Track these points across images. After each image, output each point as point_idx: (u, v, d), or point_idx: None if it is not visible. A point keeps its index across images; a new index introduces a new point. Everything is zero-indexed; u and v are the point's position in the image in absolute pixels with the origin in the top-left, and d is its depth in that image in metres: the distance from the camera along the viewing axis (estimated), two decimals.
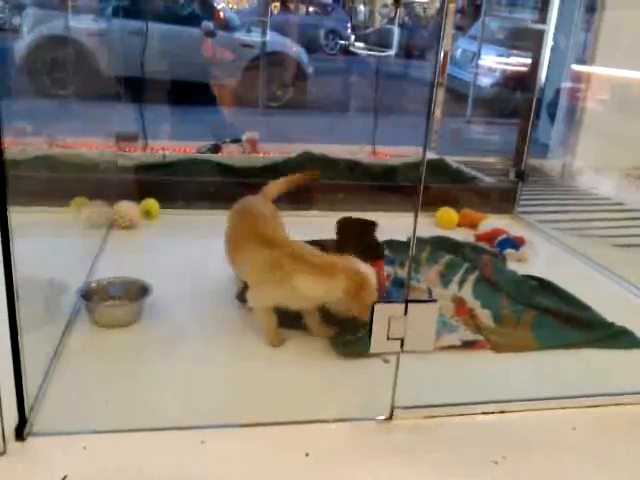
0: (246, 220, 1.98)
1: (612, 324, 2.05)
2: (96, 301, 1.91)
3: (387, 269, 2.36)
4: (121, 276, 2.00)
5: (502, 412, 1.58)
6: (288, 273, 1.71)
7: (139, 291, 1.95)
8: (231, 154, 3.67)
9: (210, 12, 7.38)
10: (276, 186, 2.23)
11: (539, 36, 3.44)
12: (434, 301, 1.46)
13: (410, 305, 1.41)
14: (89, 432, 1.37)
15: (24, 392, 1.33)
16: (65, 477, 1.25)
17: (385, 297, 2.10)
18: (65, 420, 1.42)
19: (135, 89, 4.00)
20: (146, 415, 1.47)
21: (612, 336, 1.99)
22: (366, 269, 1.72)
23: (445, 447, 1.45)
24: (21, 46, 6.03)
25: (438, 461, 1.41)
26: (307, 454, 1.38)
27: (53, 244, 2.18)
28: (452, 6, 4.24)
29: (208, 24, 6.83)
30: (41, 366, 1.57)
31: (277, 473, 1.33)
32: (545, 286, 2.33)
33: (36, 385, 1.48)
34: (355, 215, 2.26)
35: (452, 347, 1.84)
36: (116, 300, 1.95)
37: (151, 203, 2.83)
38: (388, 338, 1.43)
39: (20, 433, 1.33)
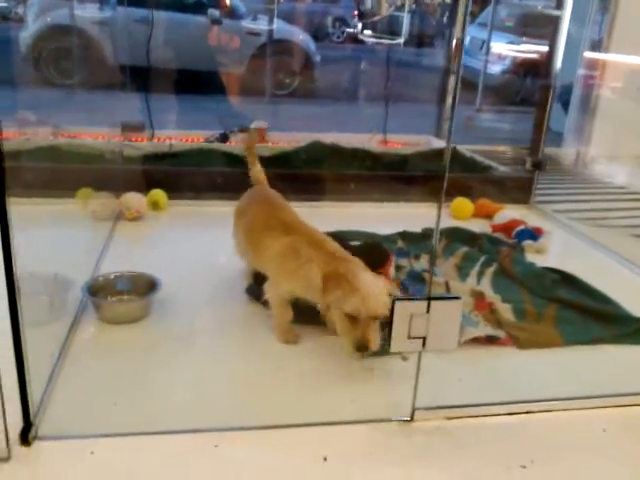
0: (262, 209, 1.91)
1: (639, 319, 1.97)
2: (103, 297, 1.85)
3: (402, 261, 2.29)
4: (129, 270, 1.94)
5: (528, 412, 1.51)
6: (304, 261, 1.64)
7: (147, 286, 1.88)
8: (240, 144, 3.60)
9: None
10: (257, 171, 2.12)
11: (554, 22, 3.35)
12: (458, 298, 1.38)
13: (433, 302, 1.34)
14: (97, 436, 1.31)
15: (28, 394, 1.27)
16: None
17: (402, 292, 2.03)
18: (72, 423, 1.35)
19: (141, 78, 3.93)
20: (157, 417, 1.40)
21: (639, 331, 1.92)
22: (366, 285, 1.53)
23: (470, 450, 1.38)
24: (26, 35, 5.96)
25: (463, 465, 1.34)
26: (325, 458, 1.31)
27: (58, 237, 2.12)
28: None
29: (214, 12, 6.74)
30: (46, 366, 1.51)
31: (294, 478, 1.27)
32: (566, 279, 2.26)
33: (41, 387, 1.42)
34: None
35: (475, 341, 1.77)
36: (124, 295, 1.89)
37: (159, 194, 2.76)
38: (409, 337, 1.35)
39: (25, 437, 1.27)
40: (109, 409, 1.41)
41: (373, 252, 2.14)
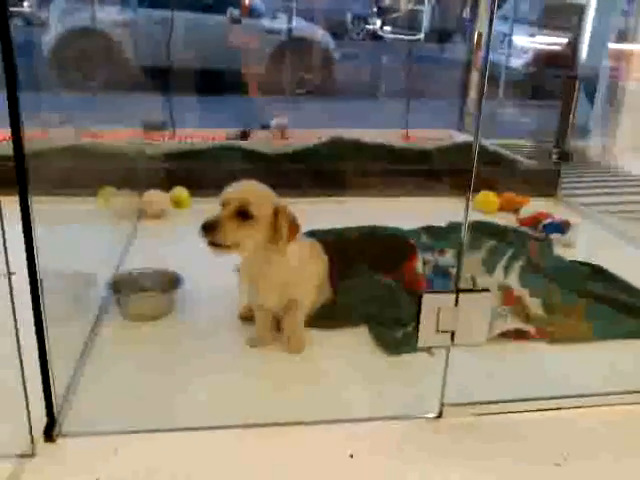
0: None
1: None
2: (126, 293, 1.84)
3: (427, 256, 2.25)
4: (152, 267, 1.93)
5: (559, 409, 1.47)
6: None
7: (170, 282, 1.87)
8: (260, 141, 3.59)
9: None
10: None
11: (578, 13, 3.29)
12: (487, 291, 1.35)
13: (461, 295, 1.30)
14: (121, 432, 1.30)
15: (52, 391, 1.26)
16: None
17: (428, 286, 2.00)
18: (96, 420, 1.35)
19: (161, 78, 3.94)
20: (180, 414, 1.39)
21: None
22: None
23: (500, 448, 1.34)
24: (48, 39, 6.02)
25: (493, 463, 1.30)
26: (351, 455, 1.28)
27: (81, 235, 2.12)
28: None
29: (233, 11, 6.75)
30: (70, 363, 1.50)
31: (320, 475, 1.24)
32: (596, 272, 2.20)
33: (65, 383, 1.41)
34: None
35: (504, 335, 1.73)
36: (147, 292, 1.88)
37: (181, 192, 2.75)
38: (437, 331, 1.32)
39: (49, 434, 1.26)
40: (133, 405, 1.40)
41: (398, 245, 2.11)
